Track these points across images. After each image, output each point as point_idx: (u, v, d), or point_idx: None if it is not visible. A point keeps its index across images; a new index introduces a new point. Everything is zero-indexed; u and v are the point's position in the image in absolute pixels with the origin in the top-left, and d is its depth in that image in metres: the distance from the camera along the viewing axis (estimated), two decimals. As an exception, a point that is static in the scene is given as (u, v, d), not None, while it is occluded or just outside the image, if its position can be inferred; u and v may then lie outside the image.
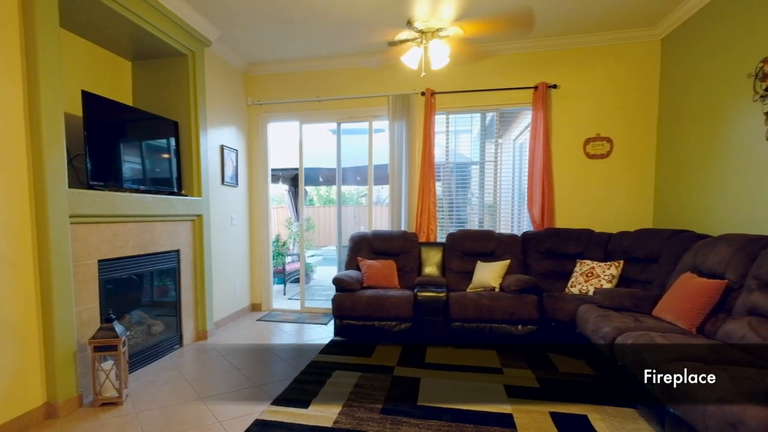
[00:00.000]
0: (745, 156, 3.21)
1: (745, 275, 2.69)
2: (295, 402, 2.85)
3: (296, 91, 5.36)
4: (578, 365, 3.49)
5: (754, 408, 1.70)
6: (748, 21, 3.22)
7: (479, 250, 4.53)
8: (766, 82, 2.98)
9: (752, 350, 2.34)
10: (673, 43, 4.27)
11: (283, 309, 5.68)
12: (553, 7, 3.93)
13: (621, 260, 3.98)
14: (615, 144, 4.61)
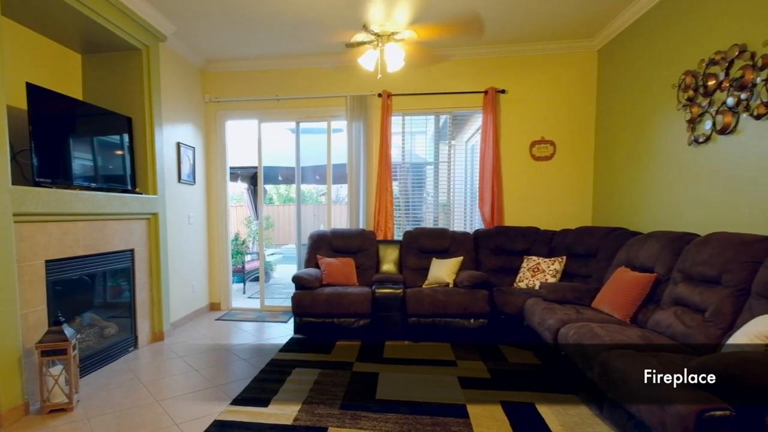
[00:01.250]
0: (671, 160, 3.42)
1: (672, 269, 2.86)
2: (254, 401, 2.78)
3: (255, 90, 5.22)
4: (526, 356, 3.61)
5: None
6: (673, 36, 3.42)
7: (434, 247, 4.58)
8: (687, 93, 3.18)
9: (677, 338, 2.50)
10: (607, 54, 4.49)
11: (243, 308, 5.54)
12: (500, 16, 4.02)
13: (564, 256, 4.14)
14: (558, 147, 4.79)
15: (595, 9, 3.93)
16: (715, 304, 2.39)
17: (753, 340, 1.93)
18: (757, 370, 1.65)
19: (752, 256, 2.32)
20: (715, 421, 1.66)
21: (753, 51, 2.62)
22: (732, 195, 2.79)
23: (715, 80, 2.90)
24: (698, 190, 3.11)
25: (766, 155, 2.54)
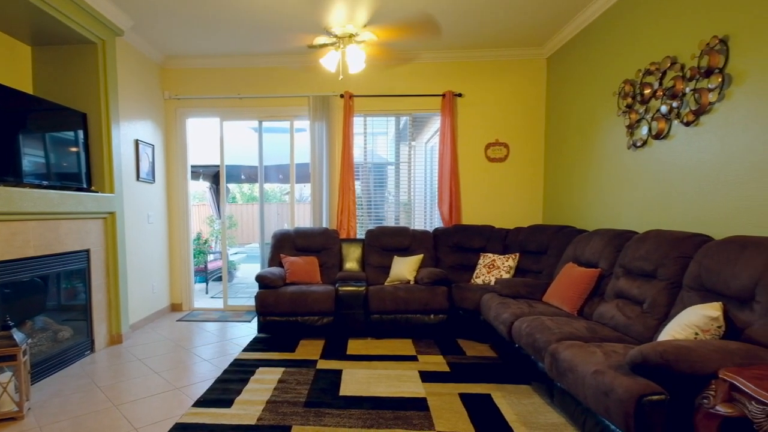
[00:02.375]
0: (613, 163, 3.58)
1: (614, 264, 2.99)
2: (217, 402, 2.70)
3: (217, 87, 5.05)
4: (483, 349, 3.70)
5: (621, 378, 1.89)
6: (613, 47, 3.56)
7: (396, 245, 4.60)
8: (626, 100, 3.33)
9: (619, 328, 2.62)
10: (555, 62, 4.64)
11: (206, 308, 5.36)
12: (453, 20, 4.04)
13: (517, 253, 4.25)
14: (511, 149, 4.91)
15: (543, 20, 4.06)
16: (651, 296, 2.52)
17: (685, 329, 2.04)
18: (688, 356, 1.74)
19: (683, 251, 2.46)
20: (652, 404, 1.75)
21: (683, 63, 2.77)
22: (666, 195, 2.95)
23: (651, 89, 3.05)
24: (637, 191, 3.27)
25: (694, 159, 2.70)
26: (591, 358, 2.13)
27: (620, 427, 1.85)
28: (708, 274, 2.21)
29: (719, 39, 2.48)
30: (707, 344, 1.84)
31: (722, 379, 1.62)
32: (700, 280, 2.25)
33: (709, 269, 2.20)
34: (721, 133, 2.50)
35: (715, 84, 2.50)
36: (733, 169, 2.43)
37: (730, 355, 1.73)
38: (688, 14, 2.77)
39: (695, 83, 2.65)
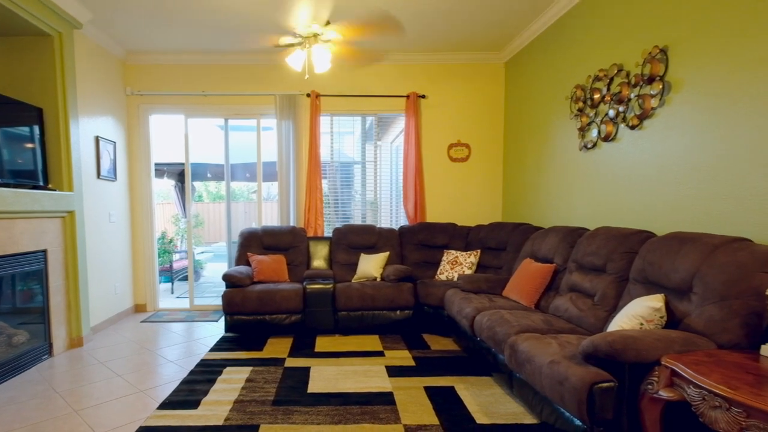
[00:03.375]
0: (566, 163, 3.69)
1: (567, 259, 3.09)
2: (183, 404, 2.61)
3: (181, 84, 4.85)
4: (447, 343, 3.74)
5: (575, 367, 1.95)
6: (566, 54, 3.67)
7: (362, 243, 4.58)
8: (578, 104, 3.44)
9: (573, 320, 2.72)
10: (513, 67, 4.74)
11: (171, 308, 5.17)
12: (413, 19, 3.97)
13: (478, 249, 4.32)
14: (473, 149, 4.99)
15: (500, 26, 4.13)
16: (602, 289, 2.61)
17: (631, 320, 2.13)
18: (634, 345, 1.82)
19: (629, 247, 2.57)
20: (603, 391, 1.82)
21: (628, 70, 2.88)
22: (614, 194, 3.07)
23: (600, 94, 3.16)
24: (588, 190, 3.38)
25: (638, 160, 2.82)
26: (547, 349, 2.19)
27: (574, 414, 1.92)
28: (651, 268, 2.31)
29: (660, 49, 2.60)
30: (651, 333, 1.92)
31: (664, 366, 1.70)
32: (645, 273, 2.35)
33: (652, 263, 2.31)
34: (662, 136, 2.62)
35: (657, 90, 2.61)
36: (673, 170, 2.55)
37: (671, 343, 1.82)
38: (633, 25, 2.88)
39: (639, 89, 2.76)
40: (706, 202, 2.33)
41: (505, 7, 3.73)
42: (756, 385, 1.46)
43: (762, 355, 1.70)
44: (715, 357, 1.70)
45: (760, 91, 2.05)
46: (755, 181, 2.07)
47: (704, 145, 2.34)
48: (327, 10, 3.76)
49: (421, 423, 2.35)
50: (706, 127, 2.33)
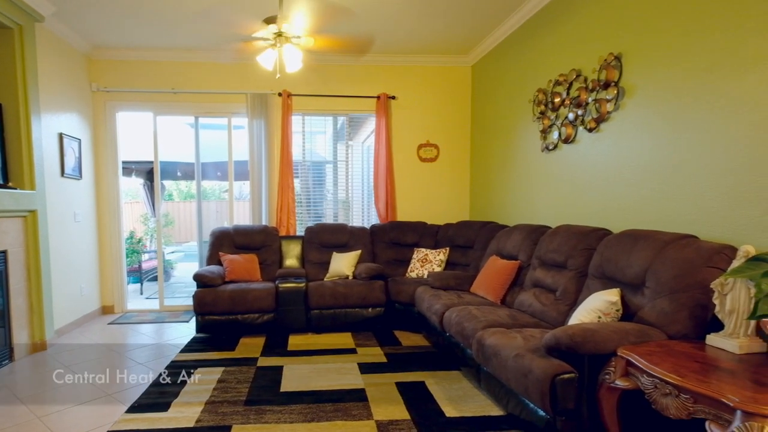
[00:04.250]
0: (529, 164, 3.76)
1: (531, 256, 3.14)
2: (153, 406, 2.50)
3: (150, 81, 4.64)
4: (417, 339, 3.75)
5: (538, 360, 1.99)
6: (528, 58, 3.74)
7: (334, 242, 4.53)
8: (540, 107, 3.50)
9: (537, 314, 2.77)
10: (479, 70, 4.79)
11: (140, 309, 4.96)
12: (390, 32, 4.09)
13: (447, 247, 4.35)
14: (441, 150, 5.01)
15: (466, 32, 4.17)
16: (563, 285, 2.68)
17: (590, 314, 2.19)
18: (593, 338, 1.87)
19: (588, 244, 2.64)
20: (564, 382, 1.86)
21: (586, 76, 2.96)
22: (574, 193, 3.15)
23: (560, 98, 3.23)
24: (550, 189, 3.46)
25: (596, 161, 2.90)
26: (512, 343, 2.22)
27: (538, 405, 1.96)
28: (608, 264, 2.38)
29: (614, 56, 2.68)
30: (608, 326, 1.98)
31: (620, 357, 1.76)
32: (602, 269, 2.42)
33: (609, 259, 2.38)
34: (617, 138, 2.71)
35: (612, 95, 2.70)
36: (627, 171, 2.64)
37: (626, 335, 1.88)
38: (590, 32, 2.96)
39: (596, 94, 2.83)
40: (657, 201, 2.43)
41: (471, 13, 3.76)
42: (702, 372, 1.52)
43: (707, 344, 1.78)
44: (666, 347, 1.77)
45: (706, 98, 2.14)
46: (700, 182, 2.17)
47: (655, 148, 2.43)
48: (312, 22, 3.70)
49: (392, 418, 2.35)
50: (657, 131, 2.42)
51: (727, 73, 2.03)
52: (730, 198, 2.02)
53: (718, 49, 2.08)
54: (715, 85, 2.09)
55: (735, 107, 2.00)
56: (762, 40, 1.88)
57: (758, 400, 1.29)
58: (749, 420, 1.26)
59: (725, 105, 2.04)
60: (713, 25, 2.10)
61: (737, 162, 1.99)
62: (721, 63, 2.06)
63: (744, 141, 1.96)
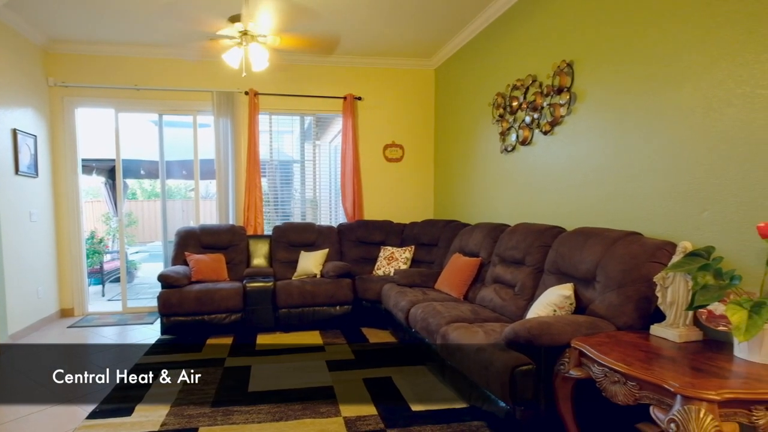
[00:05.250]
0: (489, 164, 3.81)
1: (492, 253, 3.17)
2: (116, 411, 2.37)
3: (111, 77, 4.37)
4: (384, 335, 3.73)
5: (499, 353, 2.01)
6: (488, 63, 3.78)
7: (302, 240, 4.44)
8: (499, 110, 3.55)
9: (497, 309, 2.81)
10: (442, 73, 4.82)
11: (102, 312, 4.69)
12: (356, 34, 4.04)
13: (413, 245, 4.35)
14: (406, 150, 5.01)
15: (430, 35, 4.17)
16: (521, 280, 2.73)
17: (546, 307, 2.25)
18: (548, 331, 1.91)
19: (544, 241, 2.70)
20: (523, 374, 1.89)
21: (541, 81, 3.02)
22: (531, 193, 3.22)
23: (517, 102, 3.29)
24: (509, 189, 3.52)
25: (551, 163, 2.98)
26: (474, 338, 2.24)
27: (498, 396, 1.98)
28: (562, 260, 2.45)
29: (567, 63, 2.75)
30: (563, 319, 2.04)
31: (574, 348, 1.81)
32: (557, 265, 2.49)
33: (563, 256, 2.45)
34: (570, 141, 2.79)
35: (565, 100, 2.77)
36: (579, 171, 2.72)
37: (579, 327, 1.93)
38: (545, 39, 3.02)
39: (550, 99, 2.90)
40: (606, 200, 2.51)
41: (434, 18, 3.76)
42: (647, 360, 1.59)
43: (651, 334, 1.86)
44: (614, 338, 1.83)
45: (646, 104, 2.24)
46: (643, 183, 2.27)
47: (604, 150, 2.52)
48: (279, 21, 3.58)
49: (360, 414, 2.32)
50: (605, 135, 2.51)
51: (666, 82, 2.13)
52: (669, 197, 2.12)
53: (657, 60, 2.17)
54: (655, 93, 2.19)
55: (673, 113, 2.10)
56: (695, 54, 1.98)
57: (695, 385, 1.34)
58: (688, 404, 1.31)
59: (664, 111, 2.14)
60: (653, 37, 2.19)
61: (675, 164, 2.09)
62: (661, 73, 2.16)
63: (681, 145, 2.06)
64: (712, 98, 1.92)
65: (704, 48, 1.94)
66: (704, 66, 1.94)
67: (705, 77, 1.94)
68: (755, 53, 1.75)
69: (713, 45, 1.91)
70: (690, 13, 2.01)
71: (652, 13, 2.21)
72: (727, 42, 1.85)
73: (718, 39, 1.89)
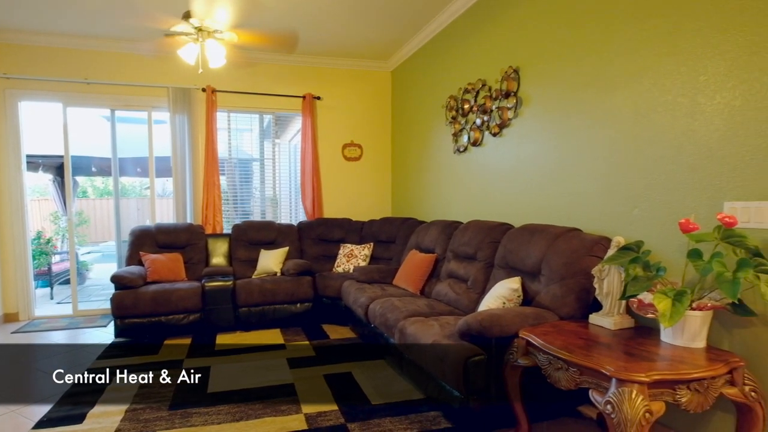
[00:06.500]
0: (443, 164, 3.83)
1: (446, 249, 3.19)
2: (65, 419, 2.17)
3: (59, 69, 3.99)
4: (344, 331, 3.67)
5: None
6: (441, 67, 3.79)
7: (262, 239, 4.27)
8: (451, 113, 3.57)
9: (451, 303, 2.83)
10: (398, 75, 4.79)
11: (50, 315, 4.30)
12: (313, 33, 3.92)
13: (372, 242, 4.30)
14: (364, 150, 4.94)
15: (386, 38, 4.12)
16: (473, 275, 2.76)
17: (496, 300, 2.28)
18: (498, 322, 1.94)
19: (494, 237, 2.74)
20: (475, 364, 1.90)
21: (490, 85, 3.06)
22: (482, 191, 3.27)
23: (469, 104, 3.31)
24: (462, 188, 3.55)
25: (500, 163, 3.03)
26: (430, 331, 2.23)
27: (453, 387, 1.98)
28: (510, 255, 2.50)
29: (513, 69, 2.80)
30: (511, 311, 2.08)
31: (521, 338, 1.84)
32: (506, 260, 2.54)
33: (511, 251, 2.50)
34: (517, 143, 2.85)
35: (512, 104, 2.82)
36: (526, 172, 2.78)
37: (526, 318, 1.97)
38: (493, 46, 3.06)
39: (499, 102, 2.94)
40: (549, 198, 2.59)
41: (389, 20, 3.71)
42: (586, 348, 1.64)
43: (590, 323, 1.93)
44: (558, 327, 1.88)
45: (584, 110, 2.32)
46: (582, 182, 2.35)
47: (547, 152, 2.59)
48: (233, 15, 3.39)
49: (320, 410, 2.26)
50: (547, 137, 2.58)
51: (600, 88, 2.22)
52: (604, 196, 2.21)
53: (592, 68, 2.26)
54: (592, 100, 2.27)
55: (607, 118, 2.19)
56: (625, 64, 2.07)
57: (628, 369, 1.40)
58: (621, 386, 1.36)
59: (599, 115, 2.23)
60: (588, 46, 2.27)
61: (609, 165, 2.18)
62: (596, 80, 2.24)
63: (614, 148, 2.15)
64: (640, 105, 2.01)
65: (633, 59, 2.04)
66: (633, 75, 2.04)
67: (634, 86, 2.04)
68: (676, 65, 1.85)
69: (641, 56, 2.00)
70: (620, 27, 2.10)
71: (587, 25, 2.28)
72: (652, 54, 1.95)
73: (645, 51, 1.98)
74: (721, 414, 1.67)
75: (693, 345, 1.57)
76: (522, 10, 2.77)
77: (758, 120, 1.57)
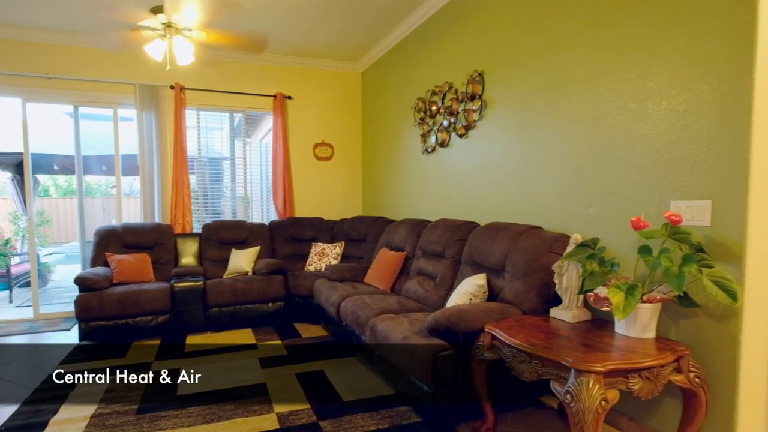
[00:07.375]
0: (412, 164, 3.81)
1: (415, 247, 3.17)
2: (25, 428, 2.02)
3: (17, 63, 3.70)
4: (317, 330, 3.59)
5: (422, 341, 2.00)
6: (409, 69, 3.78)
7: (233, 238, 4.11)
8: (420, 114, 3.55)
9: (421, 300, 2.82)
10: (368, 77, 4.74)
11: (9, 320, 4.00)
12: (284, 33, 3.81)
13: (343, 241, 4.23)
14: (336, 149, 4.85)
15: (356, 39, 4.06)
16: (441, 272, 2.75)
17: (463, 296, 2.29)
18: (465, 317, 1.94)
19: (461, 235, 2.74)
20: (444, 359, 1.90)
21: (456, 88, 3.07)
22: (450, 191, 3.27)
23: (436, 106, 3.30)
24: (430, 187, 3.55)
25: (466, 164, 3.04)
26: (400, 327, 2.21)
27: (422, 381, 1.97)
28: (476, 252, 2.51)
29: (478, 72, 2.81)
30: (477, 306, 2.08)
31: (487, 332, 1.84)
32: (472, 257, 2.55)
33: (477, 248, 2.51)
34: (482, 144, 2.87)
35: (477, 106, 2.83)
36: (490, 172, 2.81)
37: (491, 313, 1.98)
38: (459, 50, 3.07)
39: (465, 104, 2.95)
40: (513, 197, 2.62)
41: (358, 22, 3.65)
42: (547, 340, 1.66)
43: (551, 316, 1.96)
44: (521, 321, 1.90)
45: (544, 113, 2.36)
46: (542, 182, 2.39)
47: (510, 153, 2.62)
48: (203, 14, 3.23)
49: (293, 409, 2.19)
50: (511, 138, 2.61)
51: (559, 93, 2.26)
52: (563, 195, 2.26)
53: (553, 72, 2.29)
54: (551, 103, 2.31)
55: (566, 120, 2.23)
56: (581, 70, 2.12)
57: (586, 360, 1.43)
58: (580, 376, 1.38)
59: (559, 118, 2.27)
60: (549, 52, 2.31)
61: (568, 165, 2.23)
62: (555, 85, 2.28)
63: (572, 149, 2.20)
64: (594, 109, 2.06)
65: (588, 65, 2.08)
66: (588, 81, 2.08)
67: (589, 91, 2.08)
68: (626, 72, 1.90)
69: (595, 63, 2.05)
70: (578, 35, 2.14)
71: (548, 32, 2.32)
72: (605, 62, 2.00)
73: (599, 59, 2.03)
74: (669, 400, 1.74)
75: (644, 335, 1.62)
76: (487, 16, 2.78)
77: (699, 125, 1.63)
